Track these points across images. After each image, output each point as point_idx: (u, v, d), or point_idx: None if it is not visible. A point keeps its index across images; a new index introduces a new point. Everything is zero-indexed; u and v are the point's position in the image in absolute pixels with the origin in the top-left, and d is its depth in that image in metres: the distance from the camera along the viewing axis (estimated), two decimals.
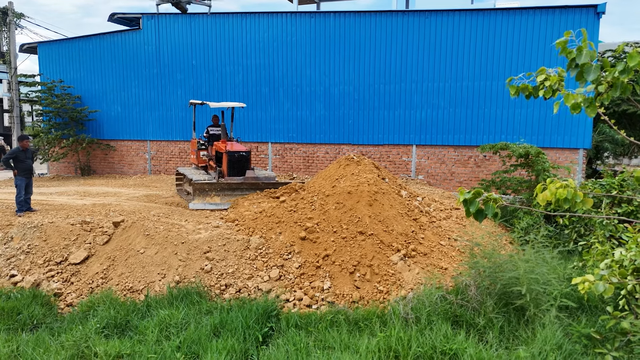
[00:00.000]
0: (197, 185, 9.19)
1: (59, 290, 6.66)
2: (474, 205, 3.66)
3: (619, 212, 7.28)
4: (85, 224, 7.88)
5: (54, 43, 18.36)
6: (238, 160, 10.25)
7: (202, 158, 11.52)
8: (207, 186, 9.29)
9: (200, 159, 11.54)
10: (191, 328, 5.06)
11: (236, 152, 10.31)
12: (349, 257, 6.42)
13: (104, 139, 17.67)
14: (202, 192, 9.24)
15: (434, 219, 8.08)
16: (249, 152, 10.59)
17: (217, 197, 9.31)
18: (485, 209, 3.69)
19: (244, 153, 10.47)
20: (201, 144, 11.56)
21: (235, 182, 9.58)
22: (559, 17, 12.34)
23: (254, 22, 15.20)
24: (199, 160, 11.55)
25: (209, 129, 11.80)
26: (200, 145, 11.57)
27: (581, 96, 3.43)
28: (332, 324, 5.16)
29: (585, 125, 12.42)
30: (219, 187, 9.36)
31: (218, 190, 9.33)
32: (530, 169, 9.73)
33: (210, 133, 11.75)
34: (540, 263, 5.02)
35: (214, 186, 9.33)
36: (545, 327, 4.59)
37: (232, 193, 9.37)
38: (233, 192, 9.35)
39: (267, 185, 9.61)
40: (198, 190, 9.19)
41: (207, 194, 9.27)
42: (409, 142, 14.11)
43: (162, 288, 6.30)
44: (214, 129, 11.78)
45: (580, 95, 3.43)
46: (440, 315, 5.00)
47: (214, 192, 9.29)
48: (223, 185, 9.39)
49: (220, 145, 10.64)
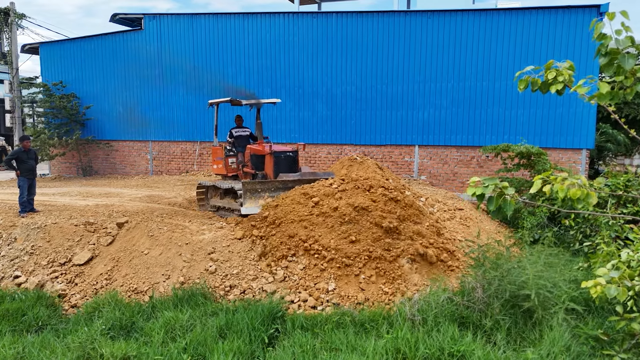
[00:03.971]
0: (247, 185, 8.00)
1: (63, 292, 6.66)
2: (493, 202, 3.59)
3: (625, 212, 7.26)
4: (89, 224, 7.87)
5: (55, 43, 18.36)
6: (286, 163, 8.93)
7: (231, 167, 9.86)
8: (259, 185, 8.06)
9: (230, 167, 9.86)
10: (197, 329, 5.04)
11: (283, 153, 8.99)
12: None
13: (105, 139, 17.65)
14: (253, 193, 7.98)
15: (439, 219, 8.06)
16: (296, 152, 9.23)
17: (270, 198, 7.95)
18: (503, 207, 3.62)
19: (291, 153, 9.08)
20: (229, 150, 10.00)
21: (291, 179, 8.22)
22: (562, 17, 12.32)
23: (256, 22, 15.19)
24: (227, 170, 9.88)
25: (233, 131, 10.12)
26: (227, 152, 9.98)
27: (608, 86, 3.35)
28: (338, 325, 5.15)
29: (588, 125, 12.40)
30: (273, 187, 8.07)
31: (272, 191, 8.05)
32: (532, 169, 9.72)
33: (235, 136, 10.06)
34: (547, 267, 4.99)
35: (267, 186, 8.08)
36: (553, 329, 4.58)
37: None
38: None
39: None
40: (249, 192, 7.93)
41: (259, 195, 7.98)
42: (411, 143, 14.08)
43: (166, 289, 6.29)
44: (239, 130, 10.21)
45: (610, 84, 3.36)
46: (446, 316, 4.98)
47: (267, 193, 8.03)
48: (277, 184, 8.10)
49: (258, 147, 9.37)
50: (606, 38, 3.41)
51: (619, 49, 3.38)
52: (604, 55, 3.48)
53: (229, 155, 9.94)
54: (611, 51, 3.43)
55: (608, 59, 3.45)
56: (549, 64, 3.77)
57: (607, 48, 3.44)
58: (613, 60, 3.42)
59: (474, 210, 9.98)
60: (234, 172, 9.84)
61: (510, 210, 3.57)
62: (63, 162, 18.34)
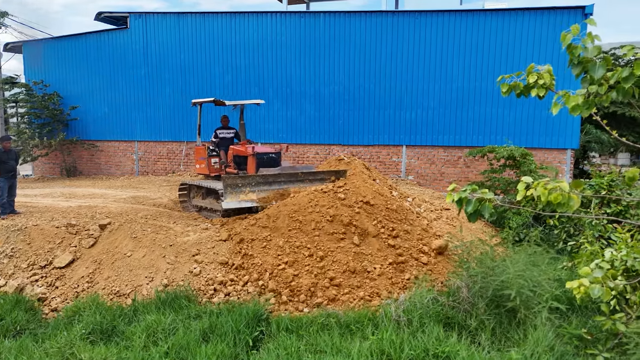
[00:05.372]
0: (228, 179, 7.95)
1: (43, 295, 6.51)
2: (472, 205, 3.59)
3: (608, 212, 7.32)
4: (71, 226, 7.72)
5: (39, 42, 18.05)
6: (268, 164, 9.10)
7: (214, 167, 9.96)
8: (240, 180, 8.02)
9: (212, 167, 9.94)
10: (179, 333, 4.96)
11: (265, 154, 9.13)
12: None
13: (90, 140, 17.39)
14: (234, 187, 7.94)
15: (425, 219, 8.06)
16: (279, 153, 9.37)
17: (252, 193, 8.02)
18: (481, 209, 3.63)
19: (274, 154, 9.22)
20: (212, 150, 10.05)
21: (271, 173, 8.35)
22: (547, 18, 12.43)
23: (243, 21, 15.09)
24: (210, 169, 9.96)
25: (218, 132, 10.12)
26: (210, 152, 10.03)
27: (582, 97, 3.37)
28: (323, 327, 5.10)
29: (573, 126, 12.53)
30: (254, 182, 8.10)
31: (253, 185, 8.06)
32: (518, 169, 9.78)
33: (219, 137, 10.06)
34: (530, 267, 5.00)
35: (247, 180, 8.09)
36: (537, 328, 4.58)
37: (269, 187, 8.16)
38: (270, 187, 8.17)
39: (308, 175, 8.44)
40: (230, 187, 7.89)
41: (240, 190, 7.98)
42: (399, 143, 14.10)
43: (149, 292, 6.19)
44: (224, 131, 10.19)
45: (581, 97, 3.38)
46: (432, 317, 4.96)
47: (248, 188, 8.03)
48: (258, 178, 8.17)
49: (240, 148, 9.42)
50: (576, 48, 3.43)
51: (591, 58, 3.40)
52: (576, 65, 3.51)
53: (211, 155, 9.96)
54: (583, 60, 3.44)
55: (580, 68, 3.46)
56: (530, 67, 3.81)
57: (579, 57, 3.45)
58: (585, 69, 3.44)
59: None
60: (216, 172, 9.88)
61: (487, 213, 3.59)
62: (46, 162, 18.04)
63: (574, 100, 3.43)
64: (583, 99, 3.45)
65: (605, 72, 3.41)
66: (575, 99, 3.43)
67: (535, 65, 3.85)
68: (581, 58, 3.53)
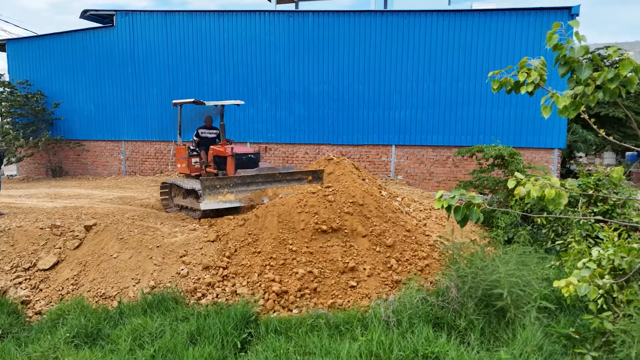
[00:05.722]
0: (206, 181, 8.08)
1: (27, 298, 6.37)
2: (460, 213, 3.61)
3: (595, 211, 7.39)
4: (55, 227, 7.57)
5: (23, 40, 17.73)
6: (247, 164, 9.18)
7: (194, 166, 10.03)
8: (218, 182, 8.16)
9: (193, 167, 10.02)
10: (166, 336, 4.88)
11: (244, 155, 9.24)
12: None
13: (76, 139, 17.13)
14: (212, 189, 8.07)
15: (415, 219, 8.06)
16: (258, 154, 9.52)
17: (230, 194, 8.16)
18: (469, 215, 3.65)
19: (252, 155, 9.35)
20: (192, 150, 10.11)
21: (249, 174, 8.45)
22: (534, 18, 12.53)
23: (232, 20, 14.98)
24: (191, 169, 10.04)
25: (200, 131, 10.23)
26: (191, 152, 10.09)
27: (569, 99, 3.38)
28: (312, 328, 5.06)
29: (560, 125, 12.65)
30: (232, 183, 8.23)
31: (231, 187, 8.20)
32: (506, 169, 9.83)
33: (201, 136, 10.19)
34: (520, 266, 5.01)
35: (225, 182, 8.21)
36: (526, 328, 4.59)
37: (247, 188, 8.28)
38: (248, 187, 8.29)
39: (285, 175, 8.55)
40: (208, 188, 8.02)
41: (218, 191, 8.10)
42: (388, 143, 14.12)
43: (136, 294, 6.09)
44: (206, 131, 10.28)
45: (569, 98, 3.38)
46: (421, 317, 4.94)
47: (226, 189, 8.16)
48: (236, 180, 8.27)
49: (220, 149, 9.51)
50: (562, 48, 3.43)
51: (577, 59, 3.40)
52: (562, 65, 3.51)
53: (192, 155, 10.05)
54: (569, 60, 3.43)
55: (567, 68, 3.47)
56: (523, 62, 3.77)
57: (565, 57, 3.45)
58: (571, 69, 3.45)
59: None
60: (197, 171, 9.99)
61: (475, 219, 3.60)
62: (32, 162, 17.74)
63: (563, 101, 3.42)
64: (570, 100, 3.45)
65: (591, 73, 3.42)
66: (564, 100, 3.42)
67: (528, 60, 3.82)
68: (567, 58, 3.54)
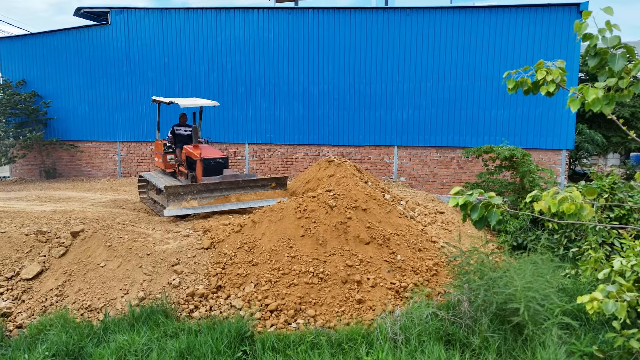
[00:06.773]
0: (170, 189, 8.33)
1: (8, 310, 5.96)
2: (477, 212, 3.24)
3: (611, 216, 6.99)
4: (41, 234, 7.17)
5: (16, 39, 17.34)
6: (215, 169, 9.28)
7: (169, 162, 10.32)
8: (182, 189, 8.44)
9: (168, 163, 10.31)
10: (153, 355, 4.48)
11: (212, 159, 9.30)
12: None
13: (70, 140, 16.73)
14: (176, 196, 8.37)
15: (420, 224, 7.66)
16: (226, 159, 9.62)
17: (194, 200, 8.48)
18: (488, 216, 3.29)
19: (221, 159, 9.45)
20: (167, 147, 10.32)
21: (213, 182, 8.71)
22: (542, 15, 12.14)
23: (229, 18, 14.58)
24: (166, 165, 10.34)
25: (175, 128, 10.41)
26: (166, 148, 10.33)
27: (602, 90, 3.01)
28: (312, 346, 4.66)
29: (568, 126, 12.26)
30: (196, 190, 8.51)
31: (195, 194, 8.49)
32: (515, 170, 9.44)
33: (176, 133, 10.36)
34: (537, 278, 4.62)
35: (189, 189, 8.49)
36: (546, 347, 4.19)
37: (211, 195, 8.57)
38: (212, 194, 8.58)
39: (248, 182, 8.79)
40: (172, 195, 8.33)
41: (182, 198, 8.41)
42: (390, 143, 13.72)
43: (123, 306, 5.68)
44: (181, 128, 10.46)
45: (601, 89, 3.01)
46: (431, 334, 4.55)
47: (189, 196, 8.45)
48: (200, 187, 8.53)
49: (192, 150, 9.58)
50: (592, 38, 3.13)
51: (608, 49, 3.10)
52: (593, 57, 3.21)
53: (167, 152, 10.29)
54: (600, 51, 3.14)
55: (598, 59, 3.17)
56: (540, 63, 3.55)
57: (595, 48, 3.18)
58: (603, 62, 3.16)
59: (456, 213, 9.64)
60: (171, 168, 10.30)
61: (494, 221, 3.28)
62: (25, 164, 17.35)
63: (593, 93, 3.08)
64: (603, 92, 3.11)
65: (625, 64, 3.08)
66: (594, 92, 3.08)
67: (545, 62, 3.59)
68: (599, 49, 3.22)
